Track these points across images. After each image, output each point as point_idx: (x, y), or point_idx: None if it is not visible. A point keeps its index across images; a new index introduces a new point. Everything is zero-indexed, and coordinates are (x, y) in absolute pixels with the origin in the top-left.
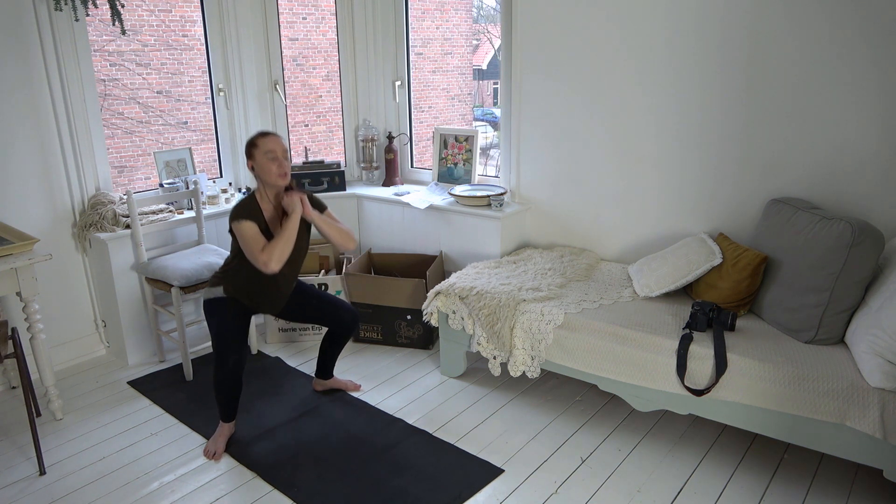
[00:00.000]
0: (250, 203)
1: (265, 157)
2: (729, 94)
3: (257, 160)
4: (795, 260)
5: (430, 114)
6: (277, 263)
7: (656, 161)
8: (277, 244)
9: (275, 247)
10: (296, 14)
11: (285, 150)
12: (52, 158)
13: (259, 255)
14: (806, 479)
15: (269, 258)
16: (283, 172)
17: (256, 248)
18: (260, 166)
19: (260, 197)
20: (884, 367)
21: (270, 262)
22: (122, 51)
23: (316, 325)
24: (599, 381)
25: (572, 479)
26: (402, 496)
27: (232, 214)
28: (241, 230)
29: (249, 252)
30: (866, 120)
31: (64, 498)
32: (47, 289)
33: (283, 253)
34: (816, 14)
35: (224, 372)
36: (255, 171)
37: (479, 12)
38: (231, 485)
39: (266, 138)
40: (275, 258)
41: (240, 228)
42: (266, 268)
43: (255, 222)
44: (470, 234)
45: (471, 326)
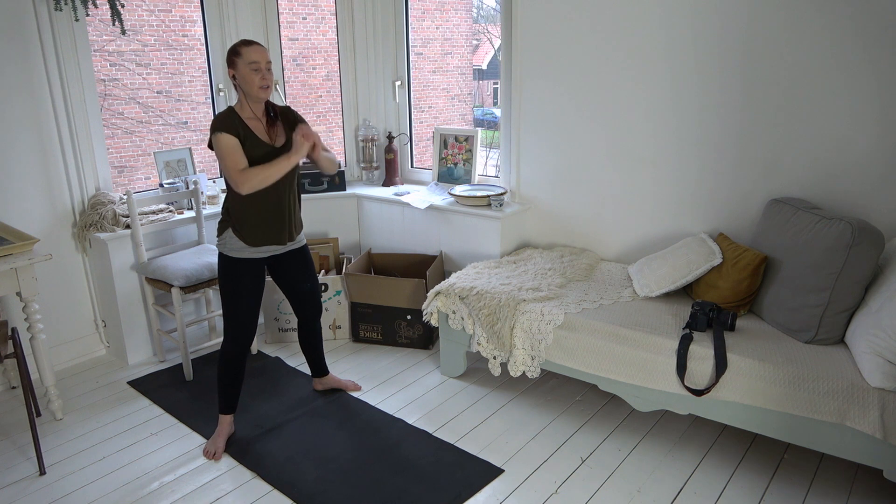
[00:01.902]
0: (230, 114)
1: (248, 67)
2: (728, 93)
3: (239, 70)
4: (795, 260)
5: (430, 114)
6: (249, 189)
7: (656, 161)
8: (259, 174)
9: (255, 174)
10: (296, 14)
11: (269, 61)
12: (52, 158)
13: (236, 174)
14: (806, 479)
15: (245, 182)
16: (265, 85)
17: (234, 165)
18: (242, 76)
19: (240, 108)
20: (884, 367)
21: (244, 184)
22: (122, 51)
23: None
24: (599, 381)
25: (572, 479)
26: (402, 496)
27: (212, 126)
28: (219, 142)
29: (225, 167)
30: (866, 120)
31: (64, 498)
32: (47, 289)
33: (261, 183)
34: (814, 14)
35: (234, 347)
36: (237, 82)
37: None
38: (231, 485)
39: (250, 48)
40: (249, 183)
41: (218, 140)
42: (237, 188)
43: (234, 135)
44: (470, 234)
45: (471, 326)
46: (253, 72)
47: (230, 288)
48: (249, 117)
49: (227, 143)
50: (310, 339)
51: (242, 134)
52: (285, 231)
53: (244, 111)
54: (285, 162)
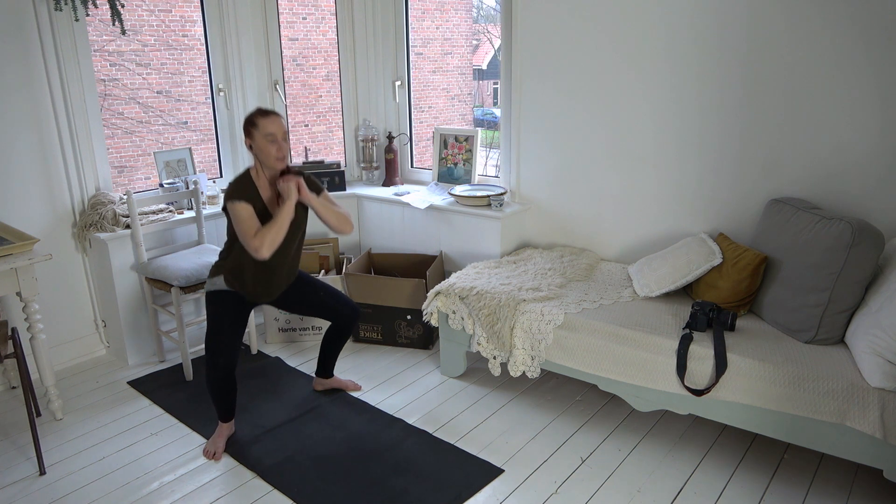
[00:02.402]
0: (246, 181)
1: (265, 139)
2: (729, 93)
3: (256, 140)
4: (795, 260)
5: (430, 114)
6: (269, 250)
7: (656, 161)
8: (270, 230)
9: (267, 233)
10: (296, 14)
11: (286, 132)
12: (52, 158)
13: (251, 239)
14: (806, 479)
15: (261, 244)
16: (281, 156)
17: (249, 231)
18: (258, 147)
19: (255, 174)
20: (884, 367)
21: (262, 248)
22: (122, 51)
23: (316, 326)
24: (599, 381)
25: (572, 479)
26: (402, 496)
27: (227, 193)
28: (235, 211)
29: (242, 235)
30: (866, 120)
31: (64, 498)
32: (47, 289)
33: (275, 239)
34: (815, 14)
35: (216, 373)
36: (253, 151)
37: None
38: (231, 485)
39: (267, 119)
40: (266, 244)
41: (234, 209)
42: (257, 253)
43: (250, 203)
44: (470, 234)
45: (471, 326)
46: (270, 143)
47: (212, 318)
48: (263, 186)
49: (243, 213)
50: (336, 341)
51: (258, 204)
52: (280, 288)
53: (259, 178)
54: (284, 211)
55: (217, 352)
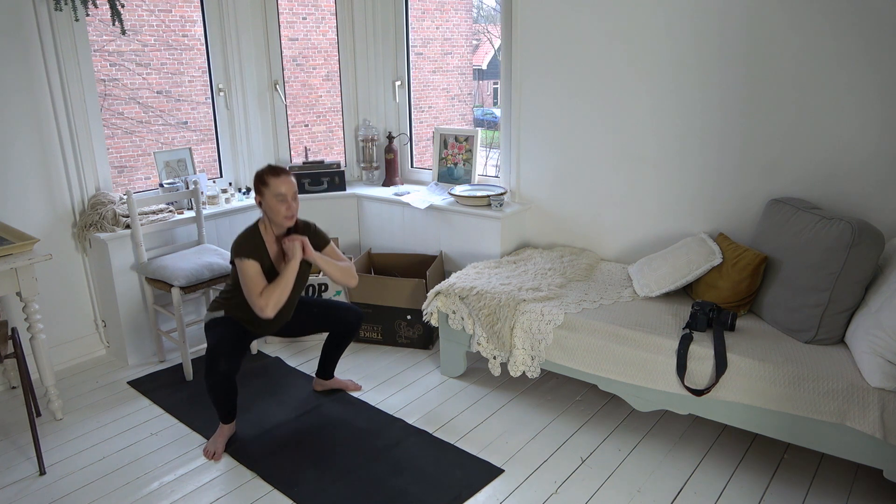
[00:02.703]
0: (254, 237)
1: (275, 198)
2: (729, 93)
3: (266, 198)
4: (795, 260)
5: (430, 114)
6: (273, 310)
7: (656, 161)
8: (275, 290)
9: (273, 293)
10: (296, 14)
11: (295, 191)
12: (52, 158)
13: (257, 299)
14: (806, 479)
15: (267, 304)
16: (290, 214)
17: (255, 290)
18: (268, 205)
19: (264, 229)
20: (884, 367)
21: (267, 308)
22: (122, 51)
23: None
24: (599, 381)
25: (572, 479)
26: (402, 496)
27: (236, 249)
28: (243, 268)
29: (248, 293)
30: (866, 120)
31: (64, 498)
32: (47, 289)
33: (280, 298)
34: (816, 15)
35: (214, 377)
36: (262, 207)
37: (479, 12)
38: (231, 485)
39: (278, 179)
40: (272, 304)
41: (242, 266)
42: (262, 313)
43: (257, 261)
44: (470, 234)
45: (471, 326)
46: (279, 203)
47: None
48: (270, 241)
49: (250, 270)
50: (338, 345)
51: (265, 262)
52: (279, 325)
53: (267, 233)
54: (289, 270)
55: (217, 358)
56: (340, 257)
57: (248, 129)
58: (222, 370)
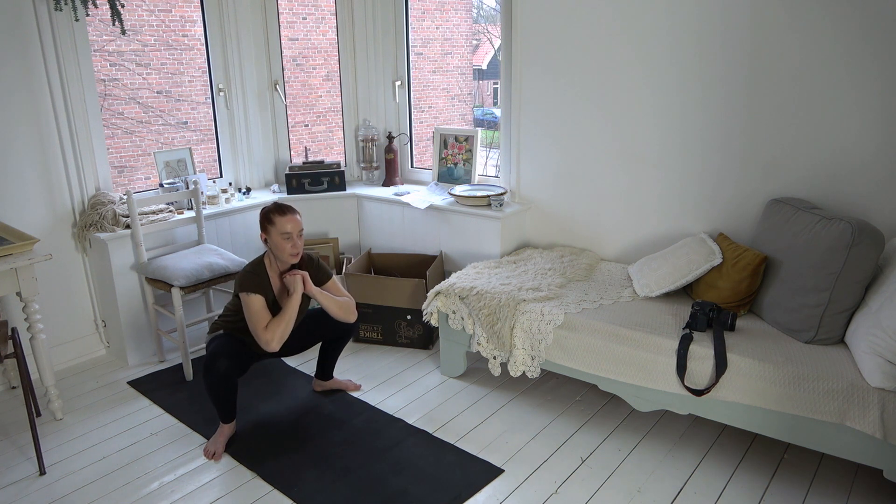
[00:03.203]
0: (259, 272)
1: (280, 236)
2: (730, 94)
3: (272, 236)
4: (795, 260)
5: (430, 114)
6: (278, 344)
7: (656, 161)
8: (280, 325)
9: (277, 327)
10: (296, 14)
11: (301, 229)
12: (52, 158)
13: (262, 333)
14: (806, 479)
15: (272, 338)
16: (296, 252)
17: (260, 324)
18: (273, 243)
19: (269, 264)
20: (884, 367)
21: (272, 342)
22: (122, 51)
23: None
24: (599, 381)
25: (572, 479)
26: (402, 496)
27: (241, 283)
28: (248, 303)
29: (253, 327)
30: (867, 120)
31: (64, 498)
32: (47, 289)
33: (284, 333)
34: (818, 15)
35: (213, 377)
36: (268, 245)
37: (479, 12)
38: (231, 485)
39: (284, 218)
40: (276, 338)
41: (246, 301)
42: (267, 347)
43: (262, 295)
44: (470, 234)
45: (471, 326)
46: (285, 241)
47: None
48: (274, 276)
49: (255, 305)
50: (334, 347)
51: (270, 297)
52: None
53: (272, 269)
54: (291, 304)
55: (217, 356)
56: (341, 292)
57: (248, 129)
58: (221, 369)
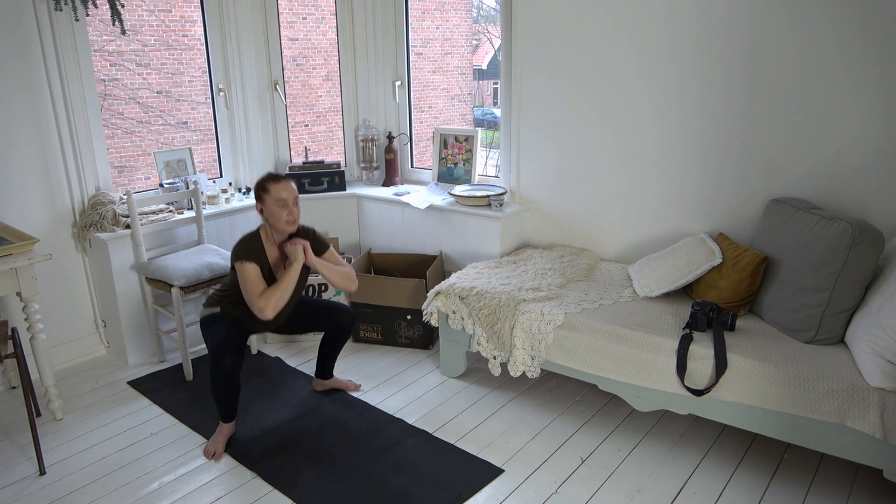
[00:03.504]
0: (255, 242)
1: (276, 203)
2: (730, 94)
3: (267, 205)
4: (795, 260)
5: (430, 114)
6: (273, 311)
7: (656, 161)
8: (275, 293)
9: (272, 295)
10: (296, 14)
11: (296, 196)
12: (52, 158)
13: (256, 300)
14: (806, 479)
15: (266, 306)
16: (292, 220)
17: (255, 292)
18: (269, 212)
19: (265, 236)
20: (884, 367)
21: (266, 309)
22: (122, 51)
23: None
24: (599, 381)
25: (572, 479)
26: (402, 496)
27: (236, 252)
28: (243, 271)
29: (247, 295)
30: (867, 120)
31: (64, 498)
32: (47, 289)
33: (280, 301)
34: (817, 15)
35: (219, 375)
36: (264, 215)
37: (479, 12)
38: (231, 485)
39: (278, 184)
40: (271, 306)
41: (242, 269)
42: (261, 314)
43: (257, 264)
44: (470, 234)
45: (471, 326)
46: (280, 208)
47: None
48: (272, 251)
49: (250, 273)
50: (334, 344)
51: (266, 267)
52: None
53: (268, 241)
54: (290, 273)
55: (222, 355)
56: (340, 262)
57: (248, 129)
58: (227, 366)
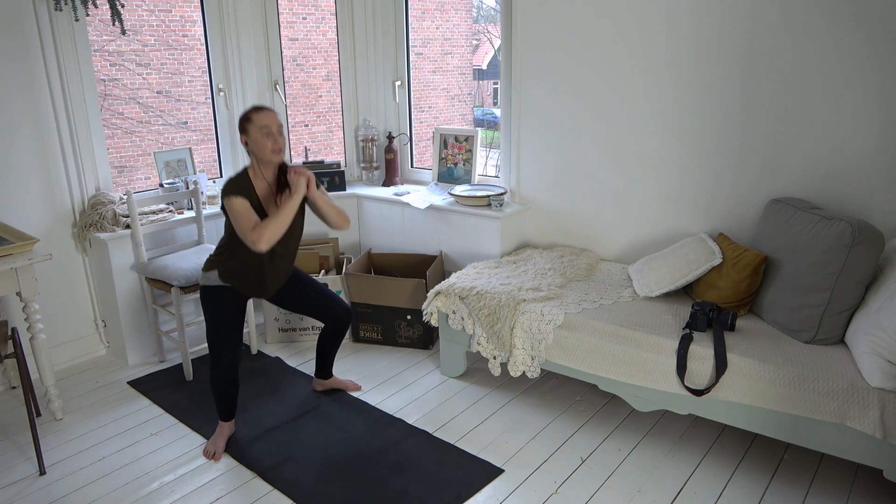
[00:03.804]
0: (243, 179)
1: (260, 132)
2: (729, 93)
3: (251, 135)
4: (795, 260)
5: (430, 114)
6: (267, 244)
7: (656, 161)
8: (270, 224)
9: (267, 226)
10: (296, 14)
11: (280, 125)
12: (52, 158)
13: (249, 233)
14: (806, 479)
15: (259, 237)
16: (277, 148)
17: (247, 225)
18: (254, 141)
19: (253, 173)
20: (884, 367)
21: (260, 241)
22: (122, 51)
23: (316, 326)
24: (599, 381)
25: (572, 479)
26: (402, 496)
27: (224, 190)
28: (232, 206)
29: (240, 229)
30: (866, 120)
31: (64, 498)
32: (47, 289)
33: (274, 233)
34: (815, 14)
35: (219, 371)
36: (249, 147)
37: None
38: (231, 485)
39: (261, 113)
40: (265, 238)
41: (231, 204)
42: (255, 246)
43: (246, 199)
44: (470, 234)
45: (471, 326)
46: (265, 136)
47: (210, 314)
48: (262, 186)
49: (239, 207)
50: (330, 342)
51: (254, 201)
52: (276, 284)
53: (257, 177)
54: (289, 204)
55: (220, 345)
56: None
57: None
58: (225, 362)
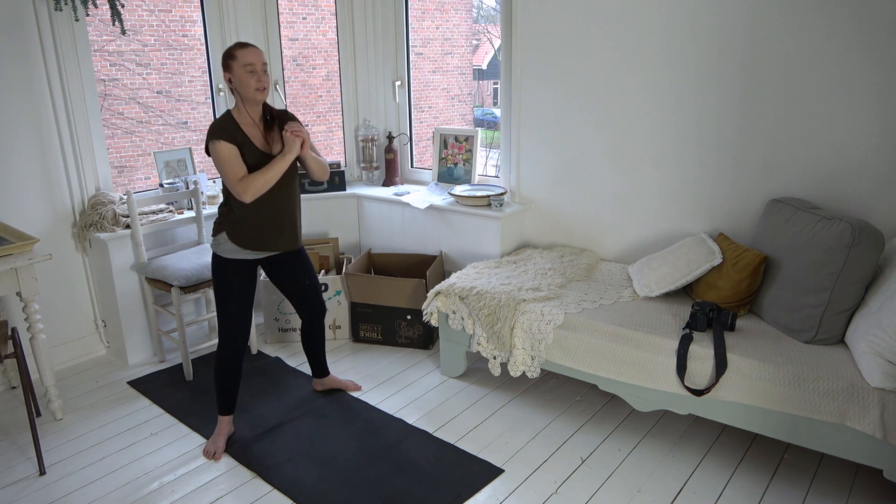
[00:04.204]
0: (227, 121)
1: (243, 69)
2: (729, 93)
3: (235, 72)
4: (795, 260)
5: (430, 114)
6: (252, 196)
7: (656, 161)
8: (259, 178)
9: (255, 180)
10: (296, 14)
11: (265, 63)
12: (52, 158)
13: (236, 183)
14: (806, 479)
15: (246, 189)
16: (262, 86)
17: (234, 175)
18: (238, 79)
19: (237, 113)
20: (884, 367)
21: (246, 193)
22: (122, 51)
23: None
24: (599, 381)
25: (572, 479)
26: (402, 496)
27: (209, 133)
28: (217, 151)
29: (225, 177)
30: (866, 119)
31: (64, 498)
32: (47, 289)
33: (262, 188)
34: (814, 13)
35: (227, 351)
36: (232, 85)
37: (479, 12)
38: (231, 485)
39: (245, 49)
40: (251, 191)
41: (217, 149)
42: (240, 197)
43: (233, 143)
44: (470, 234)
45: (471, 326)
46: (248, 74)
47: (221, 293)
48: (247, 123)
49: (225, 152)
50: (312, 340)
51: (240, 140)
52: (283, 237)
53: (242, 116)
54: (281, 162)
55: (229, 316)
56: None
57: None
58: (231, 340)
